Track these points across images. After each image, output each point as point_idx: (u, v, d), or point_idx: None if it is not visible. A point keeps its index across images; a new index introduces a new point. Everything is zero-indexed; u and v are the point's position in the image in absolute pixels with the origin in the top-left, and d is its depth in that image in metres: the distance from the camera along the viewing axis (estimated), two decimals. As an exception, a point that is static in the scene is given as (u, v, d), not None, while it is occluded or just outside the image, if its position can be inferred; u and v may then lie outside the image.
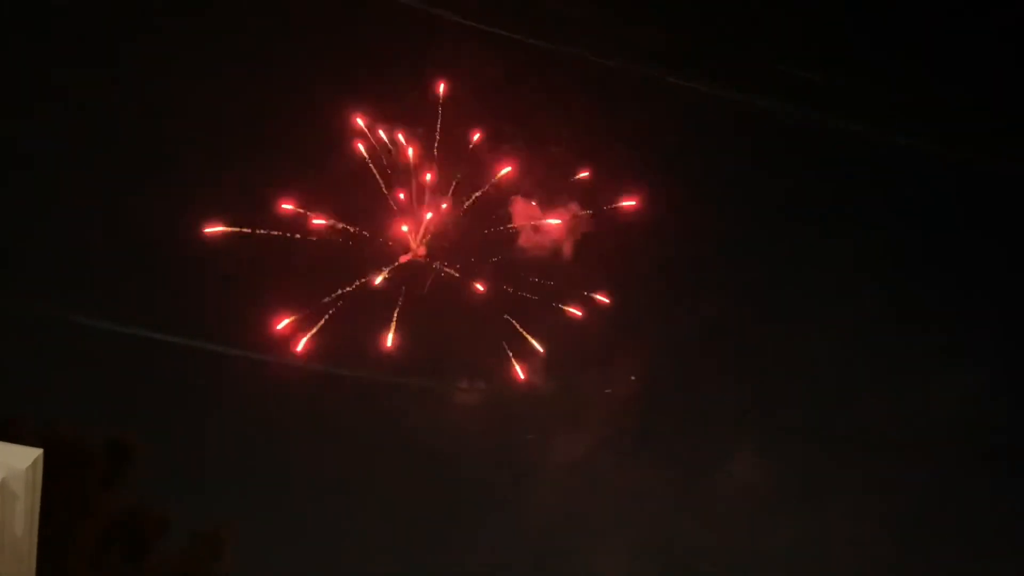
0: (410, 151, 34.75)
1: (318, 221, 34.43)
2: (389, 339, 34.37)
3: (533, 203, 35.30)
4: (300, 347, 34.28)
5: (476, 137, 34.92)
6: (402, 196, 35.18)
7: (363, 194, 34.83)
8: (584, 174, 35.25)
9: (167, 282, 34.04)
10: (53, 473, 16.58)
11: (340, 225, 34.59)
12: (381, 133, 34.70)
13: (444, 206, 35.31)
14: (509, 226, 35.48)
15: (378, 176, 34.74)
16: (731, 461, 37.39)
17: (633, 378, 36.47)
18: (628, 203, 35.37)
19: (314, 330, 34.30)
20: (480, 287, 35.10)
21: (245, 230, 33.84)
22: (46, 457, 15.26)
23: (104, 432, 27.13)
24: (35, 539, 15.11)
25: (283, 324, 33.97)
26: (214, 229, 33.46)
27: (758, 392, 38.03)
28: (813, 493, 38.08)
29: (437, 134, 34.82)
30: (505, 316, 35.16)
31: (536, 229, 35.60)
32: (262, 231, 34.00)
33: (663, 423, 35.12)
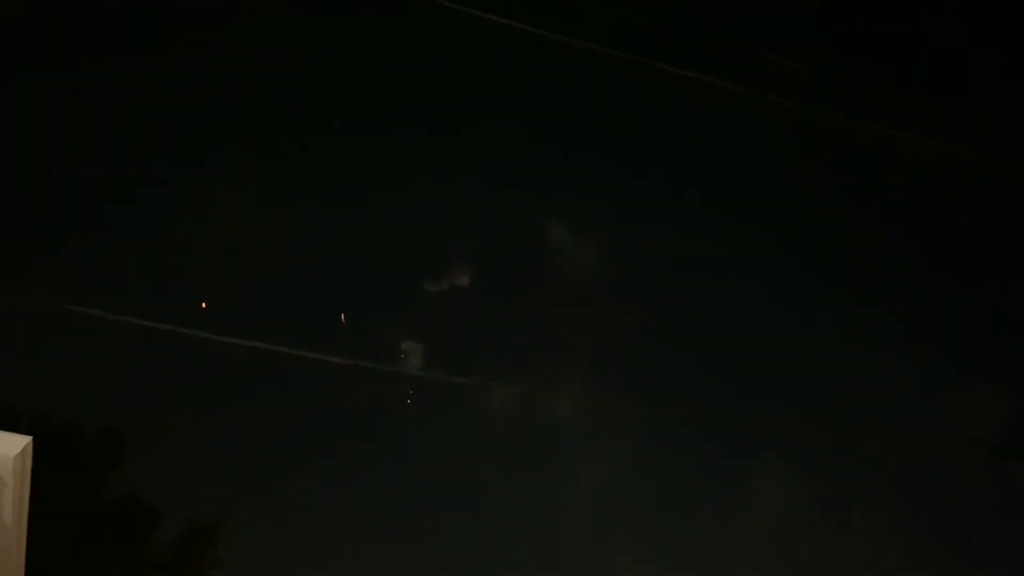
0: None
1: None
2: None
3: None
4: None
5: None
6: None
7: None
8: None
9: (162, 270, 33.90)
10: (45, 462, 16.40)
11: None
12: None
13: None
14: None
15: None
16: (755, 475, 37.04)
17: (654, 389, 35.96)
18: None
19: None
20: None
21: None
22: (38, 446, 15.08)
23: (97, 421, 27.02)
24: (24, 527, 14.93)
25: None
26: None
27: (783, 403, 37.67)
28: (840, 507, 37.84)
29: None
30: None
31: None
32: None
33: (686, 435, 34.61)
